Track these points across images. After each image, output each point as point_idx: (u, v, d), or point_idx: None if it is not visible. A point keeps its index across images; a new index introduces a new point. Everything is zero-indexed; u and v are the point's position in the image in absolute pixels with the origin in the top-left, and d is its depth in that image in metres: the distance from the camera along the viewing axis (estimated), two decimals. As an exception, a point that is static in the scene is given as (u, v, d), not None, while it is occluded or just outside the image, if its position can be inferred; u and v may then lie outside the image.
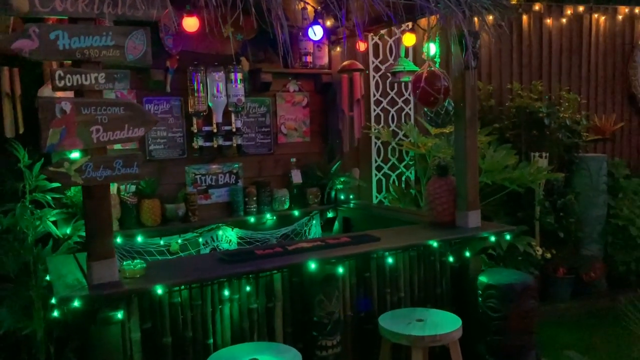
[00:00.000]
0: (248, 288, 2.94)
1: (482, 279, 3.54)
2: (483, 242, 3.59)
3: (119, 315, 2.58)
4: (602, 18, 6.45)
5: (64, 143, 2.43)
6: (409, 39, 4.06)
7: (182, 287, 2.76)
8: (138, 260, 2.78)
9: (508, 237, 3.70)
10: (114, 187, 4.02)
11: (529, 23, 6.12)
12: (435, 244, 3.41)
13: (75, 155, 2.55)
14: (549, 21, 6.22)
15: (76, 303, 2.44)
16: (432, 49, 4.07)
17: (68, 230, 3.86)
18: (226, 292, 2.88)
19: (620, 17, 6.57)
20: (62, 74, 2.42)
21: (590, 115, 6.16)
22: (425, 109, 3.84)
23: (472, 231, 3.60)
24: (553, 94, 6.12)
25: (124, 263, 2.74)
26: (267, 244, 3.79)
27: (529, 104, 5.54)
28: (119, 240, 4.02)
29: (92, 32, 2.46)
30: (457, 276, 3.68)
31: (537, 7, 6.12)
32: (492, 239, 3.58)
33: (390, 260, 3.32)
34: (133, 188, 4.13)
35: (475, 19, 3.43)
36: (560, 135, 5.45)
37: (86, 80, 2.46)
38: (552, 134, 5.50)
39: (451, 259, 3.58)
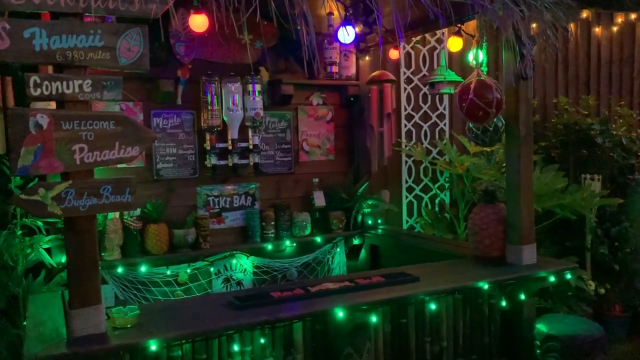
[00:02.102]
0: (262, 340, 2.44)
1: (541, 327, 2.99)
2: (540, 283, 3.05)
3: (104, 376, 2.11)
4: (657, 26, 5.89)
5: (39, 165, 1.98)
6: (455, 44, 3.56)
7: (183, 340, 2.27)
8: (130, 306, 2.30)
9: (569, 276, 3.15)
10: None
11: (575, 32, 5.58)
12: (485, 286, 2.87)
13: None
14: (597, 30, 5.67)
15: (49, 363, 1.97)
16: (478, 55, 3.58)
17: (63, 259, 3.43)
18: (236, 346, 2.38)
19: (675, 25, 6.00)
20: (38, 81, 1.98)
21: (642, 132, 5.57)
22: (471, 125, 3.34)
23: (527, 270, 3.06)
24: (605, 109, 5.56)
25: (114, 310, 2.26)
26: (285, 284, 3.30)
27: (578, 120, 4.99)
28: (120, 270, 3.61)
29: (76, 31, 2.02)
30: (508, 322, 3.13)
31: (584, 14, 5.58)
32: (552, 279, 3.04)
33: (432, 306, 2.79)
34: (138, 211, 3.69)
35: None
36: (614, 155, 4.88)
37: (68, 88, 2.02)
38: (604, 153, 4.92)
39: (503, 302, 3.03)
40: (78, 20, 2.03)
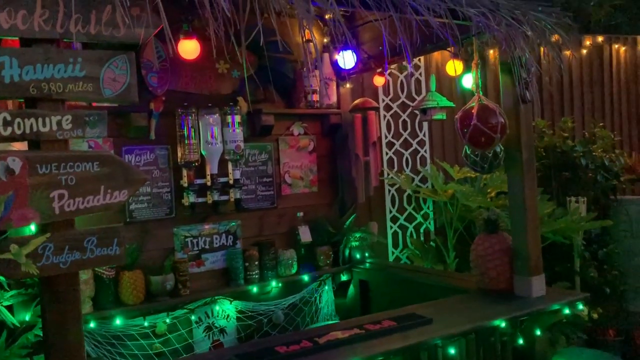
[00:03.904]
0: (271, 403, 2.16)
1: (560, 364, 2.81)
2: (554, 316, 2.89)
3: None
4: (623, 49, 6.00)
5: (10, 217, 1.67)
6: (456, 67, 3.42)
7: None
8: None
9: (581, 306, 2.99)
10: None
11: (545, 56, 5.60)
12: (502, 324, 2.68)
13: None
14: (567, 52, 5.71)
15: None
16: (469, 79, 3.47)
17: (27, 317, 3.04)
18: (243, 414, 2.09)
19: (640, 47, 6.15)
20: (8, 118, 1.68)
21: (619, 152, 5.61)
22: (468, 151, 3.18)
23: (539, 303, 2.89)
24: (586, 130, 5.58)
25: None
26: (290, 335, 3.02)
27: (558, 142, 4.95)
28: (92, 324, 3.26)
29: (53, 59, 1.74)
30: (521, 359, 2.93)
31: (554, 37, 5.61)
32: (566, 311, 2.88)
33: (449, 350, 2.57)
34: (110, 258, 3.34)
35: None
36: (597, 177, 4.84)
37: (44, 126, 1.73)
38: (587, 175, 4.89)
39: (520, 340, 2.84)
40: (55, 47, 1.75)
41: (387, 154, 4.85)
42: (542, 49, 5.55)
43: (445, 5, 2.35)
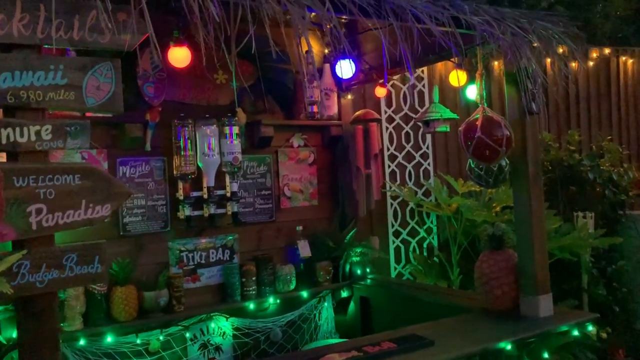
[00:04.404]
0: None
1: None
2: (562, 338, 2.76)
3: None
4: (630, 61, 5.91)
5: (-17, 233, 1.57)
6: (460, 78, 3.33)
7: None
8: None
9: (590, 327, 2.86)
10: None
11: (552, 67, 5.51)
12: (508, 347, 2.55)
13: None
14: (574, 65, 5.61)
15: None
16: (473, 90, 3.38)
17: (14, 334, 2.94)
18: None
19: (647, 59, 6.05)
20: (-17, 128, 1.59)
21: (628, 166, 5.49)
22: (472, 165, 3.08)
23: (547, 323, 2.76)
24: (593, 144, 5.47)
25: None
26: (283, 357, 2.90)
27: (565, 156, 4.84)
28: (82, 342, 3.15)
29: (33, 66, 1.66)
30: (528, 383, 2.80)
31: (560, 49, 5.51)
32: (575, 332, 2.75)
33: (452, 374, 2.45)
34: (102, 273, 3.23)
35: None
36: (605, 191, 4.72)
37: (22, 136, 1.64)
38: (594, 189, 4.77)
39: (526, 363, 2.72)
40: (35, 53, 1.66)
41: (389, 166, 4.75)
42: (548, 59, 5.45)
43: (448, 13, 2.26)
